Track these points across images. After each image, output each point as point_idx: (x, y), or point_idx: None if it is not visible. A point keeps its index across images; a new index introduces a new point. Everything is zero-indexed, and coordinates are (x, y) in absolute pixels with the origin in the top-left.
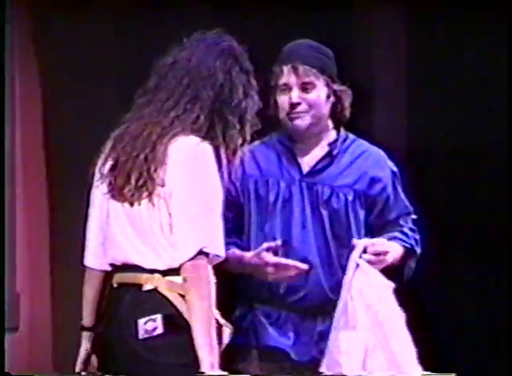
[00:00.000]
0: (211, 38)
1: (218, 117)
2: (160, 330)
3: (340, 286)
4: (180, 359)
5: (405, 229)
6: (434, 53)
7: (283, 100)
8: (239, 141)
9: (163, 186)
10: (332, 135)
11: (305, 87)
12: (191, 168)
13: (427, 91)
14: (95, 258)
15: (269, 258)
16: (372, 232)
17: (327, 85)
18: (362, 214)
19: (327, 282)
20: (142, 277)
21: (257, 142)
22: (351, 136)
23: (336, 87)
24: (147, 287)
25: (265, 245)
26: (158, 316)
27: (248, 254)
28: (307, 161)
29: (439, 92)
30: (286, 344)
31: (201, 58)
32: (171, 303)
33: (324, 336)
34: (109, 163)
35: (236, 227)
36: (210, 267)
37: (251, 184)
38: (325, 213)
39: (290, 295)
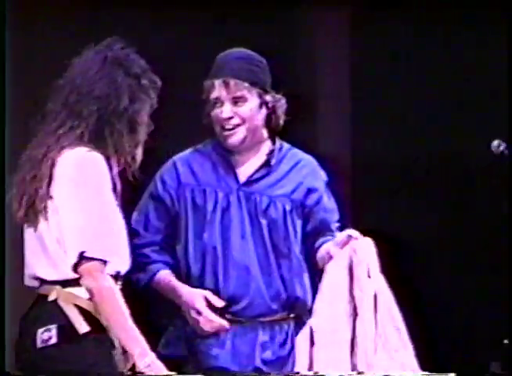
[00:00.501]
0: (94, 50)
1: (107, 126)
2: (54, 340)
3: (279, 295)
4: (76, 367)
5: (337, 234)
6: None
7: (215, 114)
8: (132, 144)
9: (51, 199)
10: (267, 144)
11: (237, 101)
12: (73, 178)
13: (372, 96)
14: (25, 276)
15: (200, 305)
16: (307, 239)
17: (260, 97)
18: (299, 223)
19: (268, 292)
20: (46, 289)
21: (190, 150)
22: (286, 145)
23: (268, 98)
24: (50, 298)
25: (204, 293)
26: (53, 327)
27: (183, 289)
28: (243, 171)
29: (387, 98)
30: (225, 358)
31: (83, 73)
32: (65, 314)
33: (266, 346)
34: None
35: (167, 238)
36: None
37: (188, 193)
38: (264, 222)
39: (232, 305)
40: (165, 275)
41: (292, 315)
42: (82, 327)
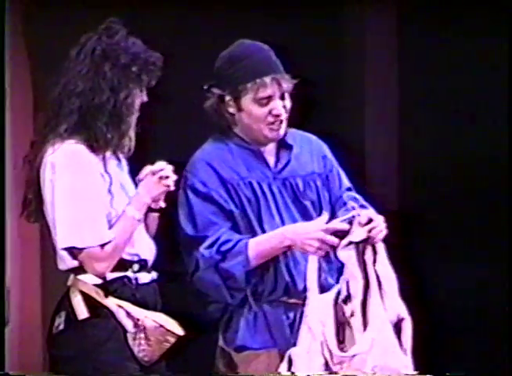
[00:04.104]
0: (89, 42)
1: (89, 120)
2: (61, 327)
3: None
4: (75, 353)
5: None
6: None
7: (262, 112)
8: (117, 135)
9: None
10: None
11: (284, 96)
12: (52, 179)
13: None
14: None
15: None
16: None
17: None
18: (327, 196)
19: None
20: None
21: (207, 148)
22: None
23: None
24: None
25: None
26: (63, 313)
27: (284, 231)
28: (270, 160)
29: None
30: None
31: (71, 70)
32: (70, 301)
33: None
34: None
35: (230, 230)
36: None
37: (235, 188)
38: (308, 204)
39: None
40: (255, 239)
41: None
42: (81, 313)
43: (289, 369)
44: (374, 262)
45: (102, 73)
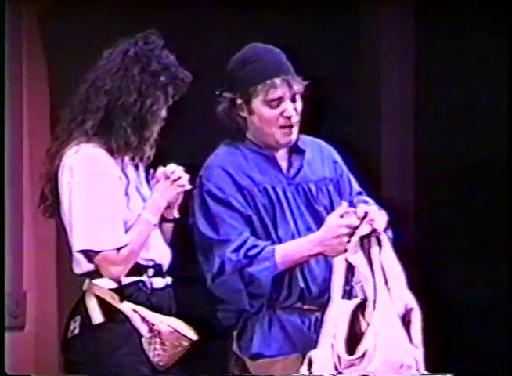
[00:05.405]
0: (122, 44)
1: (114, 121)
2: (77, 331)
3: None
4: (93, 357)
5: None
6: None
7: (273, 114)
8: (139, 140)
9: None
10: None
11: (295, 98)
12: (69, 182)
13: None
14: None
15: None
16: None
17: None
18: (338, 201)
19: None
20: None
21: (222, 153)
22: None
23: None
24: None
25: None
26: (78, 317)
27: (313, 236)
28: (283, 165)
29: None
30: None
31: (102, 67)
32: (85, 305)
33: None
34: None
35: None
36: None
37: (251, 194)
38: (321, 209)
39: (323, 295)
40: (283, 246)
41: None
42: (96, 317)
43: (309, 370)
44: (380, 252)
45: (130, 75)
